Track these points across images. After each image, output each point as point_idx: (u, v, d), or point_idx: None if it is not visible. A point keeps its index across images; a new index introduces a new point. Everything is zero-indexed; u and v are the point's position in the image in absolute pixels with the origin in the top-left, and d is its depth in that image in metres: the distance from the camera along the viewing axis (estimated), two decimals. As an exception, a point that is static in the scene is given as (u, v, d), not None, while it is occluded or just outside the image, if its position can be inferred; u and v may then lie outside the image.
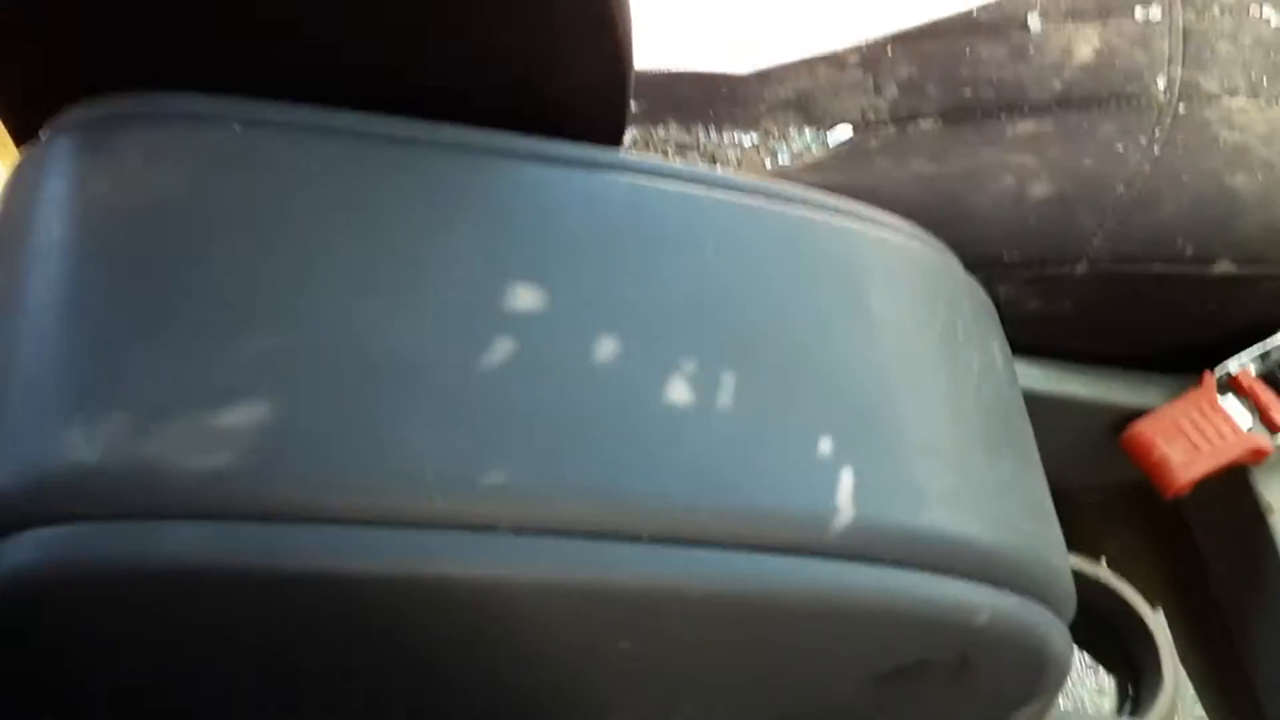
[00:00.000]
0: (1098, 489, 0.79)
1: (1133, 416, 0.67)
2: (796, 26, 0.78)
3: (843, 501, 0.37)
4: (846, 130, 0.73)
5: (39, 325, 0.33)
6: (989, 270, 0.62)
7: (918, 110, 0.72)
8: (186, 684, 0.35)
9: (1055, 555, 0.42)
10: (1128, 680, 0.69)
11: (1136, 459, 0.65)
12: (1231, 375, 0.67)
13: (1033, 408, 0.49)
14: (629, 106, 0.48)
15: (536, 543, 0.34)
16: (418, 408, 0.33)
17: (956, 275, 0.49)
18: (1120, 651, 0.69)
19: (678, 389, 0.37)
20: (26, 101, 0.43)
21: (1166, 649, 0.67)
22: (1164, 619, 0.72)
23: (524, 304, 0.37)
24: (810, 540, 0.36)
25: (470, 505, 0.33)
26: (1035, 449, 0.46)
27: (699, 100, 0.75)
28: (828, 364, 0.40)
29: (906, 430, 0.40)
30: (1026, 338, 0.67)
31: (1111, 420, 0.68)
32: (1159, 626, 0.68)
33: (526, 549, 0.33)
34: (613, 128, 0.47)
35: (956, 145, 0.70)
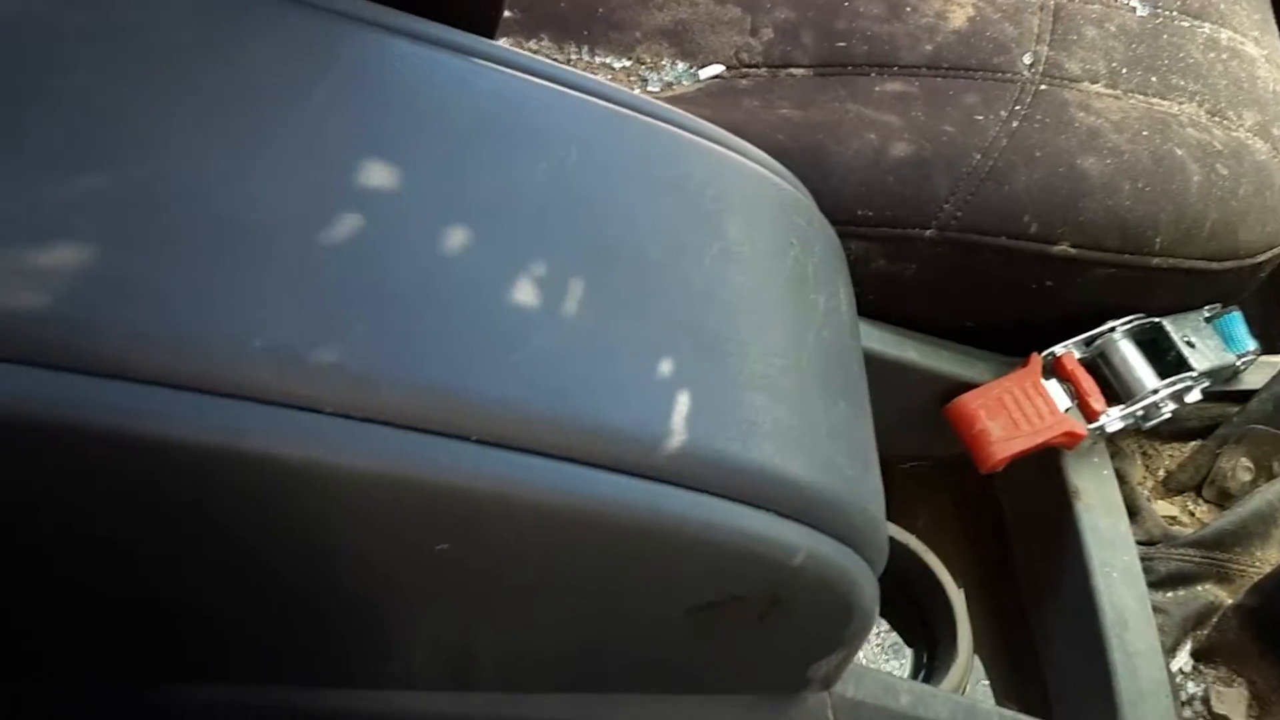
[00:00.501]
0: (917, 459, 0.83)
1: (960, 389, 0.70)
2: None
3: (676, 425, 0.38)
4: (718, 69, 0.74)
5: None
6: (842, 225, 0.64)
7: (790, 57, 0.74)
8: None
9: (874, 505, 0.44)
10: (924, 650, 0.73)
11: (958, 430, 0.69)
12: (1057, 358, 0.71)
13: (867, 369, 0.51)
14: (503, 6, 0.48)
15: (360, 429, 0.33)
16: (251, 272, 0.33)
17: (812, 216, 0.50)
18: (919, 620, 0.73)
19: (524, 290, 0.38)
20: None
21: (964, 623, 0.71)
22: (964, 594, 0.76)
23: (376, 181, 0.37)
24: (638, 460, 0.37)
25: (295, 382, 0.33)
26: (867, 399, 0.48)
27: (575, 18, 0.75)
28: (678, 284, 0.41)
29: (747, 361, 0.41)
30: (869, 298, 0.69)
31: (940, 390, 0.71)
32: (959, 600, 0.72)
33: (349, 434, 0.33)
34: (485, 22, 0.47)
35: (824, 96, 0.72)
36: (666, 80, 0.74)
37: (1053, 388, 0.70)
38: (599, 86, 0.45)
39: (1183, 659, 0.72)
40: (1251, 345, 0.78)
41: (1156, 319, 0.74)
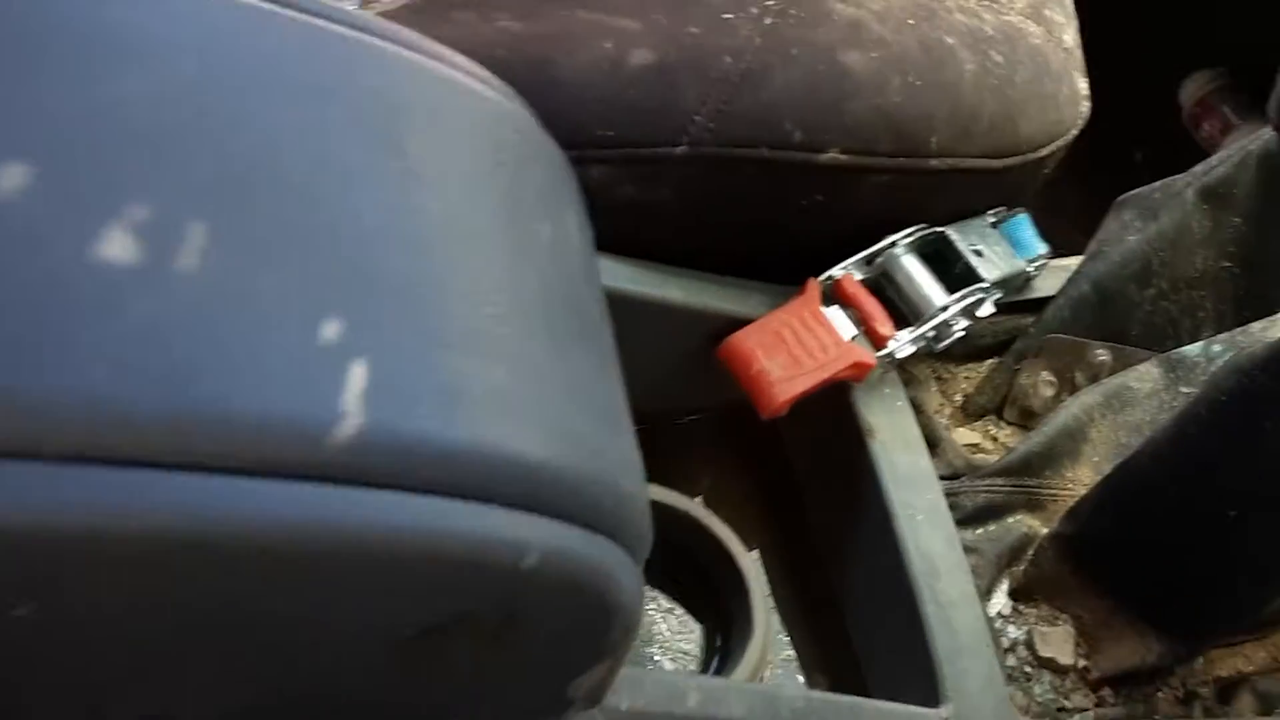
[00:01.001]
0: (694, 412, 0.76)
1: (733, 328, 0.63)
2: None
3: (349, 405, 0.29)
4: (423, -25, 0.66)
5: None
6: (580, 149, 0.56)
7: (508, -41, 0.65)
8: None
9: (629, 478, 0.37)
10: (716, 629, 0.66)
11: (734, 373, 0.62)
12: (836, 281, 0.65)
13: (622, 313, 0.43)
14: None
15: None
16: None
17: (533, 134, 0.42)
18: (709, 596, 0.66)
19: (116, 243, 0.28)
20: None
21: (759, 593, 0.64)
22: (759, 559, 0.70)
23: None
24: (300, 457, 0.28)
25: None
26: (613, 348, 0.41)
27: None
28: (345, 219, 0.32)
29: (445, 310, 0.33)
30: (620, 231, 0.61)
31: (710, 331, 0.64)
32: (753, 568, 0.65)
33: None
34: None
35: (550, 4, 0.64)
36: (361, -9, 0.65)
37: (834, 315, 0.64)
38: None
39: (1000, 601, 0.67)
40: (1042, 249, 0.74)
41: (939, 228, 0.68)
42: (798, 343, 0.63)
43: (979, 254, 0.69)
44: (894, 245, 0.67)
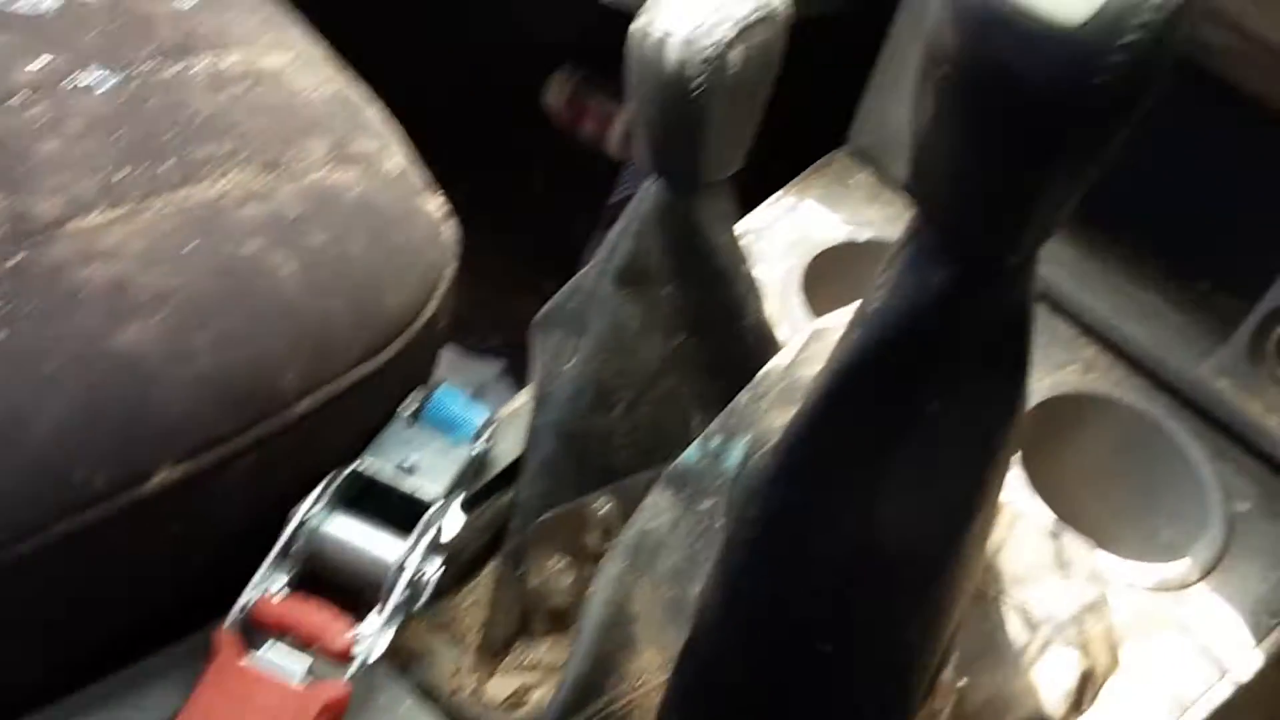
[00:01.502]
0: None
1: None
2: None
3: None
4: None
5: None
6: None
7: None
8: None
9: None
10: None
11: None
12: (250, 610, 0.50)
13: None
14: None
15: None
16: None
17: None
18: None
19: None
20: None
21: None
22: None
23: None
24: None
25: None
26: None
27: None
28: None
29: None
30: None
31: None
32: None
33: None
34: None
35: None
36: None
37: (269, 659, 0.49)
38: None
39: None
40: (482, 414, 0.61)
41: (349, 467, 0.55)
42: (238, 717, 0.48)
43: (411, 471, 0.56)
44: (303, 522, 0.52)
